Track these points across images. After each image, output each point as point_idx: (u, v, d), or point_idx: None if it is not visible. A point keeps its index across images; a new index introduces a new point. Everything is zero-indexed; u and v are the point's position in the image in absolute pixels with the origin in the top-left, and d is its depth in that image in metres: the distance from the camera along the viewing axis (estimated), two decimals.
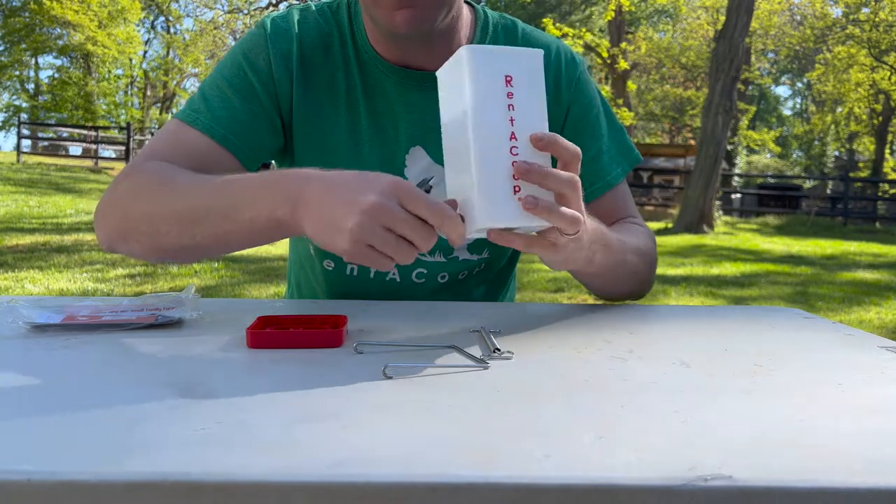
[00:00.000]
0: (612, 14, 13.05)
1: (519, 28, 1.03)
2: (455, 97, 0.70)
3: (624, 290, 0.99)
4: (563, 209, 0.68)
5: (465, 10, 0.99)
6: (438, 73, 0.74)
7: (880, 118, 23.78)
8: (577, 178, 0.69)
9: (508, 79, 0.68)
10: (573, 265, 0.80)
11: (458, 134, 0.69)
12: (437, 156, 0.97)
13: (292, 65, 0.95)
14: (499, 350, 0.67)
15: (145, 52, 32.04)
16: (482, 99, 0.67)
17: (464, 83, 0.67)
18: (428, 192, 0.69)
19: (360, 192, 0.66)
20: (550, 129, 0.70)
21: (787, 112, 43.02)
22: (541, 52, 0.71)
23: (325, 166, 0.97)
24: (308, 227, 0.70)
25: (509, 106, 0.68)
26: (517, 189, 0.67)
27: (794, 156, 37.62)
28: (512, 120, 0.68)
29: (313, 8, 1.00)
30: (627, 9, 14.16)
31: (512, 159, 0.67)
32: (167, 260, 0.88)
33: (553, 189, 0.68)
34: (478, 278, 1.07)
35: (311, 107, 0.96)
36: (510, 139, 0.68)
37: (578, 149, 0.70)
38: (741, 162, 21.32)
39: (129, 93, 31.78)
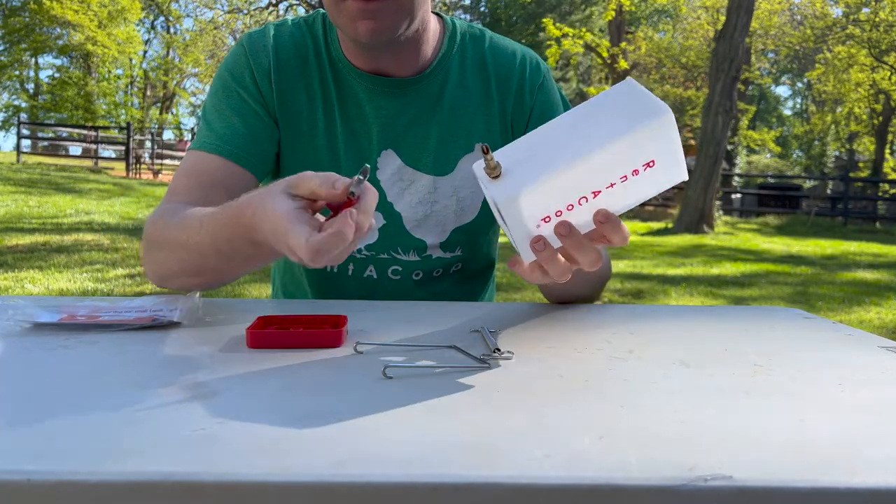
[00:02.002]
0: (613, 14, 13.05)
1: (487, 37, 1.07)
2: (612, 114, 0.65)
3: (578, 297, 1.00)
4: (561, 266, 0.68)
5: (434, 20, 1.03)
6: (631, 82, 0.67)
7: (880, 118, 23.78)
8: (601, 257, 0.69)
9: (651, 163, 0.65)
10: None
11: (574, 135, 0.65)
12: (407, 158, 1.02)
13: (272, 77, 1.00)
14: (499, 350, 0.67)
15: (145, 51, 32.05)
16: (618, 154, 0.64)
17: (631, 121, 0.63)
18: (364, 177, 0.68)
19: (285, 247, 0.67)
20: (515, 133, 0.90)
21: (787, 112, 43.02)
22: (685, 175, 0.69)
23: (302, 164, 1.01)
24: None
25: (624, 177, 0.65)
26: (548, 219, 0.66)
27: (795, 156, 37.62)
28: (611, 185, 0.66)
29: (289, 22, 1.05)
30: (628, 8, 14.16)
31: (571, 203, 0.66)
32: (200, 290, 0.91)
33: (573, 255, 0.68)
34: (454, 277, 1.10)
35: (291, 115, 1.01)
36: (591, 194, 0.66)
37: (628, 236, 0.69)
38: (741, 162, 21.32)
39: (129, 93, 31.78)
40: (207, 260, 0.82)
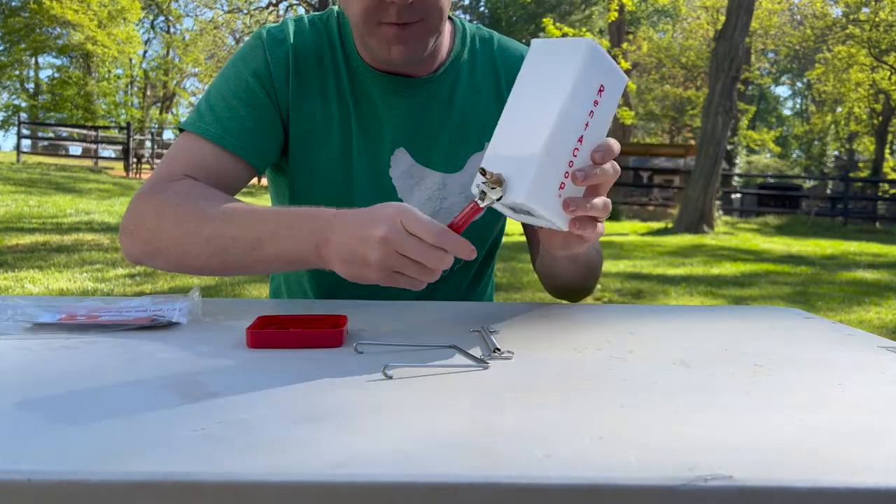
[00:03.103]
0: (616, 15, 13.05)
1: (495, 39, 1.09)
2: (550, 75, 0.72)
3: (582, 285, 1.03)
4: (599, 225, 0.75)
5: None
6: (538, 42, 0.76)
7: (880, 118, 23.78)
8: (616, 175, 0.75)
9: (601, 88, 0.72)
10: (574, 251, 0.83)
11: (536, 108, 0.71)
12: (419, 157, 1.03)
13: (289, 72, 0.99)
14: (499, 350, 0.67)
15: (145, 51, 32.03)
16: (580, 92, 0.70)
17: (571, 68, 0.70)
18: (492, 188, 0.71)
19: (373, 226, 0.71)
20: None
21: (787, 112, 42.99)
22: (626, 78, 0.76)
23: (318, 168, 1.02)
24: (335, 265, 0.76)
25: (591, 112, 0.71)
26: (563, 186, 0.71)
27: (794, 156, 37.60)
28: (587, 125, 0.71)
29: (306, 20, 1.05)
30: (629, 9, 14.16)
31: (571, 158, 0.71)
32: (191, 274, 0.92)
33: (601, 190, 0.73)
34: (456, 277, 1.10)
35: (306, 112, 1.01)
36: (578, 141, 0.71)
37: (619, 170, 0.76)
38: (741, 162, 21.32)
39: (129, 92, 31.77)
40: (222, 242, 0.83)
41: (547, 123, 0.69)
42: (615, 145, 0.74)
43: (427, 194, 1.03)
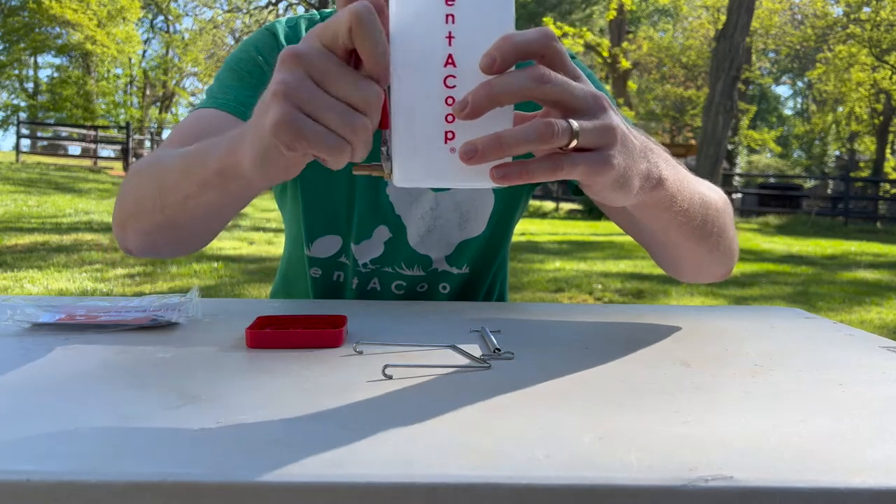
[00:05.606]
0: (615, 13, 13.06)
1: None
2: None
3: (711, 245, 0.80)
4: (534, 125, 0.50)
5: None
6: None
7: (881, 118, 23.79)
8: (546, 72, 0.51)
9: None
10: (636, 183, 0.58)
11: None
12: None
13: None
14: (499, 350, 0.67)
15: (144, 51, 32.00)
16: (408, 4, 0.51)
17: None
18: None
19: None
20: None
21: (787, 112, 42.98)
22: None
23: (323, 174, 0.98)
24: (244, 155, 0.59)
25: (448, 17, 0.50)
26: (451, 136, 0.51)
27: (795, 155, 37.59)
28: (450, 37, 0.51)
29: (318, 18, 1.01)
30: (629, 8, 14.18)
31: (444, 92, 0.51)
32: (152, 251, 0.82)
33: (505, 98, 0.50)
34: (465, 294, 1.08)
35: None
36: (446, 65, 0.51)
37: (548, 29, 0.52)
38: (742, 162, 21.35)
39: (129, 92, 31.76)
40: (162, 175, 0.73)
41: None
42: (519, 37, 0.50)
43: (420, 212, 1.02)
